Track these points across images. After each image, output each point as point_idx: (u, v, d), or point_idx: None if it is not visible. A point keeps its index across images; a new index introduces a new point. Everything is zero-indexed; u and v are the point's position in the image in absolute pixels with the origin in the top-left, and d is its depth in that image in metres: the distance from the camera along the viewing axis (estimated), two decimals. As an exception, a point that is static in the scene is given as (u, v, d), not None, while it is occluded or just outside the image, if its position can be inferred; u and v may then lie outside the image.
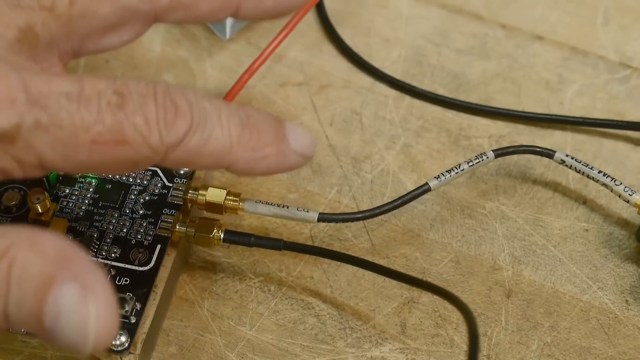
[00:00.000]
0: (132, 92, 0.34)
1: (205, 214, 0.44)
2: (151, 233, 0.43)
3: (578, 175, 0.47)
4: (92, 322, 0.31)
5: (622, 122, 0.50)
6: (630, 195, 0.45)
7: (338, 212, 0.47)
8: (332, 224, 0.47)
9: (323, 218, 0.44)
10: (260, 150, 0.37)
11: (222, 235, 0.43)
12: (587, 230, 0.47)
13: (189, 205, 0.44)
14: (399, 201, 0.45)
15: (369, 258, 0.46)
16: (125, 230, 0.43)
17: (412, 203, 0.46)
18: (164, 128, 0.34)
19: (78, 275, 0.31)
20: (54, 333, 0.31)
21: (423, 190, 0.45)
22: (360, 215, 0.45)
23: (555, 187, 0.48)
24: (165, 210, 0.44)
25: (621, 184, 0.45)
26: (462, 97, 0.51)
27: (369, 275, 0.45)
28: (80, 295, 0.31)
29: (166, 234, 0.43)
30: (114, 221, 0.44)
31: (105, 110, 0.33)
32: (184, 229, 0.43)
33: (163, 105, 0.34)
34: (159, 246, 0.43)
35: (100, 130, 0.33)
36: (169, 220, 0.43)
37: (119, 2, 0.38)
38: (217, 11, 0.39)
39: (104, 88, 0.34)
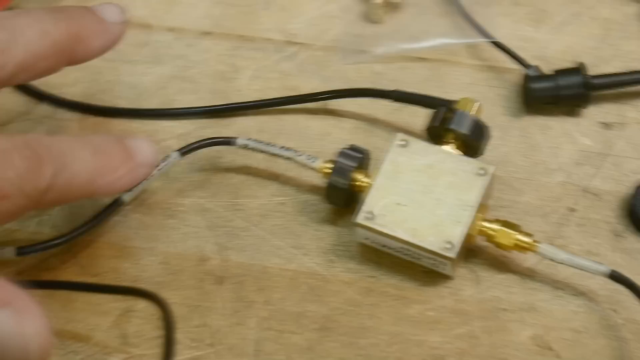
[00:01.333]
0: None
1: None
2: None
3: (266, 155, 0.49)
4: (34, 343, 0.33)
5: (296, 96, 0.52)
6: (313, 162, 0.47)
7: (39, 242, 0.47)
8: (37, 255, 0.47)
9: (23, 252, 0.44)
10: (115, 172, 0.41)
11: None
12: (283, 203, 0.49)
13: None
14: (96, 219, 0.46)
15: (80, 280, 0.46)
16: None
17: (113, 217, 0.47)
18: (35, 177, 0.37)
19: (7, 301, 0.33)
20: None
21: (116, 203, 0.46)
22: (60, 241, 0.45)
23: (247, 170, 0.50)
24: None
25: (302, 154, 0.48)
26: (144, 105, 0.52)
27: (83, 296, 0.46)
28: (16, 319, 0.33)
29: None
30: None
31: None
32: None
33: (26, 156, 0.37)
34: None
35: None
36: None
37: None
38: (54, 65, 0.43)
39: None
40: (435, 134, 0.48)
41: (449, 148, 0.47)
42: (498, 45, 0.52)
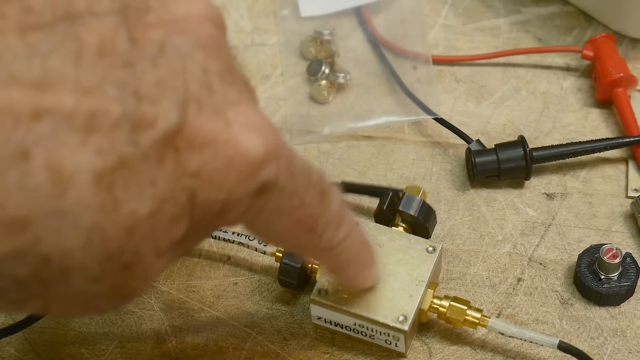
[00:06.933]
0: (329, 192, 0.38)
1: None
2: None
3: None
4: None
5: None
6: (265, 247, 0.48)
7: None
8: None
9: (-22, 342, 0.44)
10: (368, 269, 0.44)
11: None
12: (236, 283, 0.49)
13: None
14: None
15: (36, 369, 0.46)
16: None
17: (68, 303, 0.47)
18: (335, 229, 0.39)
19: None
20: None
21: (71, 288, 0.47)
22: (15, 328, 0.46)
23: (199, 252, 0.51)
24: None
25: (254, 239, 0.48)
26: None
27: (40, 384, 0.46)
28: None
29: None
30: None
31: (312, 198, 0.37)
32: None
33: (339, 209, 0.39)
34: None
35: (306, 213, 0.37)
36: None
37: None
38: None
39: (317, 180, 0.38)
40: (384, 218, 0.49)
41: (398, 229, 0.48)
42: (441, 121, 0.54)
